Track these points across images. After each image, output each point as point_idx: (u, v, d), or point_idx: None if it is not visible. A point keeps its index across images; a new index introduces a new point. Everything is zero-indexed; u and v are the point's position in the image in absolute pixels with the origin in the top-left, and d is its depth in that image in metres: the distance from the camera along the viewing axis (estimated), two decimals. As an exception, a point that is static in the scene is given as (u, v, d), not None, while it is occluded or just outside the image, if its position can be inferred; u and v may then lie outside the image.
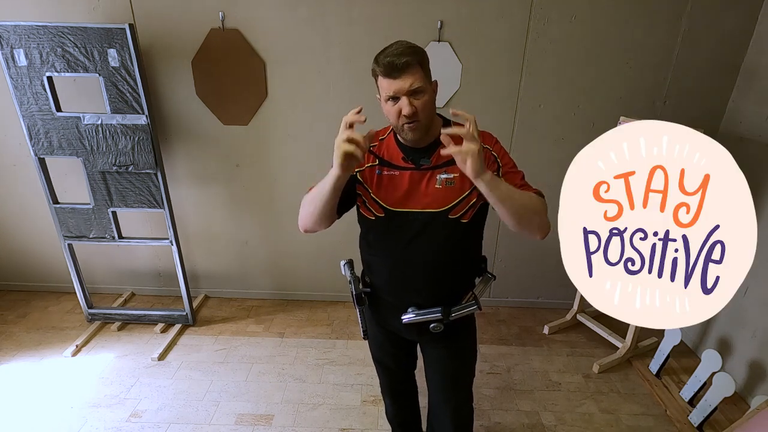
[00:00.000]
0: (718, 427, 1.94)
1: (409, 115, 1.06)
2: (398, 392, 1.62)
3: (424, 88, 1.07)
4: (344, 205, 1.24)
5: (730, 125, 2.32)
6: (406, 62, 1.03)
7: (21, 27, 1.95)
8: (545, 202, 1.16)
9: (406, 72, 1.04)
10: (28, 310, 2.72)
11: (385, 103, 1.10)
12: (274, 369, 2.29)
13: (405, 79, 1.04)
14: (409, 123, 1.08)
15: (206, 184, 2.59)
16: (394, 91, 1.06)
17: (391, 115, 1.10)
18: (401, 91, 1.05)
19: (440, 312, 1.22)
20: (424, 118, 1.09)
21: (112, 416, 1.97)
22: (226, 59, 2.29)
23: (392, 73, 1.04)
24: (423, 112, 1.08)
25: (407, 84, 1.04)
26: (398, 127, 1.12)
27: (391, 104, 1.08)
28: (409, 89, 1.05)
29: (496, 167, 1.16)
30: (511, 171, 1.17)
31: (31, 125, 2.12)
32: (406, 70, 1.04)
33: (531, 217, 1.11)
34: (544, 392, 2.18)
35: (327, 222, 1.21)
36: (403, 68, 1.03)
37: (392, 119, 1.11)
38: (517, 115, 2.40)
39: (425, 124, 1.11)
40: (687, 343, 2.54)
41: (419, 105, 1.07)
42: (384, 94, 1.08)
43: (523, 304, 2.88)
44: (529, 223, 1.11)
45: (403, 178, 1.17)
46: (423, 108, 1.08)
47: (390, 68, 1.04)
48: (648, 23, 2.20)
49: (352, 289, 1.31)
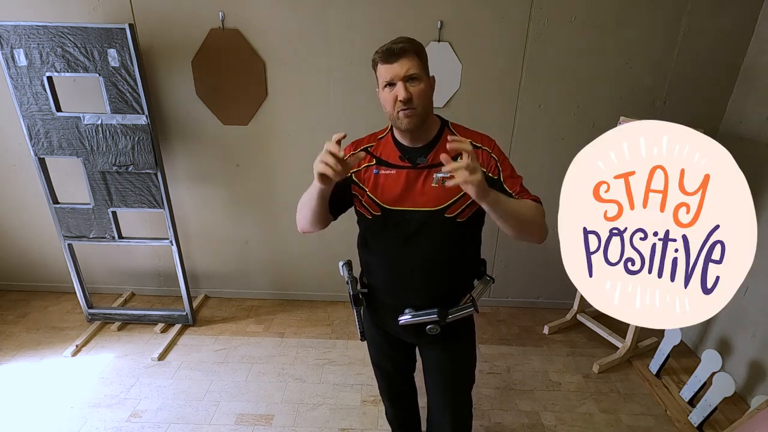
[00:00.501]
0: (718, 427, 1.94)
1: (405, 100, 1.07)
2: (397, 395, 1.61)
3: (420, 76, 1.08)
4: (339, 207, 1.26)
5: (730, 125, 2.32)
6: (402, 48, 1.06)
7: (21, 27, 1.95)
8: (543, 209, 1.17)
9: (402, 57, 1.06)
10: (28, 310, 2.72)
11: (382, 90, 1.11)
12: (274, 369, 2.29)
13: (402, 63, 1.06)
14: (404, 109, 1.08)
15: (206, 184, 2.59)
16: (391, 77, 1.07)
17: (388, 102, 1.10)
18: (397, 76, 1.07)
19: (437, 314, 1.22)
20: (419, 106, 1.09)
21: (112, 416, 1.97)
22: (226, 59, 2.29)
23: (389, 58, 1.07)
24: (418, 99, 1.09)
25: (403, 69, 1.06)
26: (394, 115, 1.12)
27: (388, 91, 1.09)
28: (405, 74, 1.06)
29: (497, 173, 1.16)
30: (511, 177, 1.18)
31: (31, 125, 2.12)
32: (403, 55, 1.06)
33: (530, 228, 1.13)
34: (544, 392, 2.18)
35: (322, 224, 1.23)
36: (399, 53, 1.06)
37: (388, 107, 1.11)
38: (517, 115, 2.40)
39: (421, 114, 1.11)
40: (687, 343, 2.54)
41: (415, 92, 1.08)
42: (381, 81, 1.10)
43: (523, 304, 2.88)
44: (529, 233, 1.13)
45: (399, 176, 1.17)
46: (419, 95, 1.08)
47: (387, 53, 1.07)
48: (648, 23, 2.20)
49: (349, 289, 1.32)
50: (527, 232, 1.13)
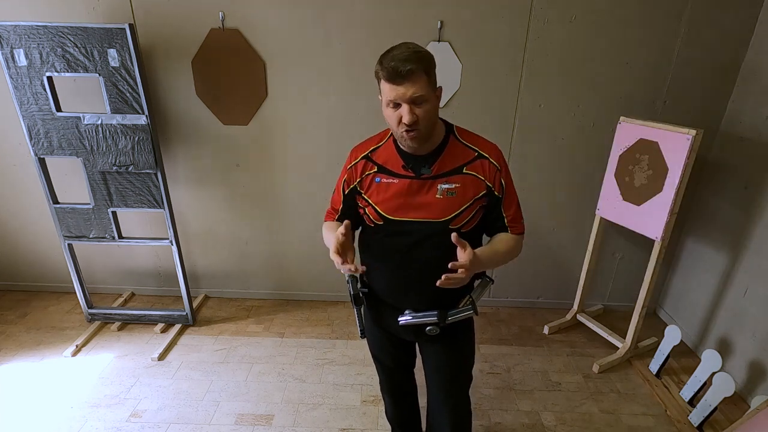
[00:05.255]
0: (718, 427, 1.94)
1: (410, 124, 1.04)
2: (397, 391, 1.62)
3: (427, 97, 1.04)
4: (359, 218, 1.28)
5: (730, 125, 2.32)
6: (410, 70, 1.00)
7: (21, 27, 1.95)
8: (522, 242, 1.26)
9: (409, 80, 1.01)
10: (28, 310, 2.72)
11: (386, 107, 1.08)
12: (274, 369, 2.29)
13: (407, 86, 1.01)
14: (409, 131, 1.06)
15: (206, 184, 2.59)
16: (395, 97, 1.03)
17: (392, 120, 1.08)
18: (403, 98, 1.03)
19: (436, 315, 1.22)
20: (424, 127, 1.07)
21: (112, 416, 1.97)
22: (226, 59, 2.29)
23: (395, 79, 1.01)
24: (424, 120, 1.06)
25: (409, 92, 1.02)
26: (398, 134, 1.10)
27: (392, 110, 1.06)
28: (411, 97, 1.02)
29: (500, 191, 1.18)
30: (508, 198, 1.21)
31: (31, 125, 2.12)
32: (410, 77, 1.00)
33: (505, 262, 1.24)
34: (544, 392, 2.18)
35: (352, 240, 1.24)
36: (406, 75, 1.00)
37: (392, 125, 1.09)
38: (517, 115, 2.40)
39: (425, 134, 1.09)
40: (687, 343, 2.54)
41: (421, 113, 1.04)
42: (385, 98, 1.06)
43: (523, 304, 2.88)
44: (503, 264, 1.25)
45: (402, 186, 1.16)
46: (424, 117, 1.05)
47: (393, 74, 1.01)
48: (648, 23, 2.20)
49: (350, 288, 1.31)
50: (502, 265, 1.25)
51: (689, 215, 2.57)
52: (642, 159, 2.11)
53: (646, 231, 2.12)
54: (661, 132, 2.02)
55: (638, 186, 2.14)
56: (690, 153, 1.90)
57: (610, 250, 2.68)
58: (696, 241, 2.54)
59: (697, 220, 2.52)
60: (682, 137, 1.92)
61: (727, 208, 2.29)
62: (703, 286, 2.45)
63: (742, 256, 2.20)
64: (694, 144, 1.88)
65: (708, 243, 2.44)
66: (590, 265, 2.50)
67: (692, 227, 2.57)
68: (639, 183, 2.14)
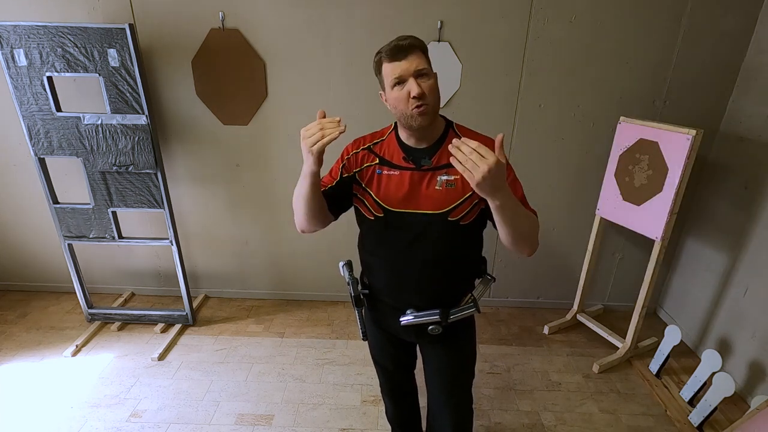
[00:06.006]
0: (718, 427, 1.94)
1: (419, 96, 1.04)
2: (398, 393, 1.61)
3: (429, 72, 1.07)
4: (340, 207, 1.24)
5: (730, 125, 2.32)
6: (410, 44, 1.05)
7: (21, 27, 1.95)
8: (538, 223, 1.14)
9: (410, 53, 1.05)
10: (28, 310, 2.72)
11: (392, 89, 1.08)
12: (274, 369, 2.29)
13: (411, 60, 1.05)
14: (418, 106, 1.06)
15: (206, 184, 2.59)
16: (401, 73, 1.05)
17: (400, 101, 1.07)
18: (407, 72, 1.05)
19: (438, 314, 1.21)
20: (432, 101, 1.08)
21: (112, 416, 1.97)
22: (226, 59, 2.29)
23: (397, 55, 1.05)
24: (431, 94, 1.07)
25: (413, 65, 1.05)
26: (407, 113, 1.08)
27: (398, 89, 1.07)
28: (416, 70, 1.05)
29: None
30: (512, 186, 1.12)
31: (31, 125, 2.12)
32: (411, 51, 1.05)
33: (526, 239, 1.08)
34: (544, 392, 2.18)
35: (321, 222, 1.21)
36: (407, 49, 1.05)
37: (401, 105, 1.08)
38: (517, 115, 2.40)
39: (434, 109, 1.09)
40: (687, 343, 2.54)
41: (426, 87, 1.06)
42: (390, 79, 1.07)
43: (523, 304, 2.88)
44: (523, 244, 1.08)
45: (403, 178, 1.16)
46: (430, 91, 1.07)
47: (395, 50, 1.05)
48: (648, 23, 2.20)
49: (350, 290, 1.31)
50: (522, 243, 1.08)
51: (689, 215, 2.57)
52: (642, 159, 2.11)
53: (646, 231, 2.12)
54: (661, 132, 2.02)
55: (638, 186, 2.14)
56: (690, 153, 1.90)
57: (610, 250, 2.69)
58: (696, 241, 2.54)
59: (697, 220, 2.53)
60: (682, 137, 1.92)
61: (727, 208, 2.29)
62: (703, 286, 2.45)
63: (742, 256, 2.20)
64: (694, 144, 1.88)
65: (708, 243, 2.44)
66: (590, 265, 2.50)
67: (692, 227, 2.57)
68: (639, 183, 2.14)
